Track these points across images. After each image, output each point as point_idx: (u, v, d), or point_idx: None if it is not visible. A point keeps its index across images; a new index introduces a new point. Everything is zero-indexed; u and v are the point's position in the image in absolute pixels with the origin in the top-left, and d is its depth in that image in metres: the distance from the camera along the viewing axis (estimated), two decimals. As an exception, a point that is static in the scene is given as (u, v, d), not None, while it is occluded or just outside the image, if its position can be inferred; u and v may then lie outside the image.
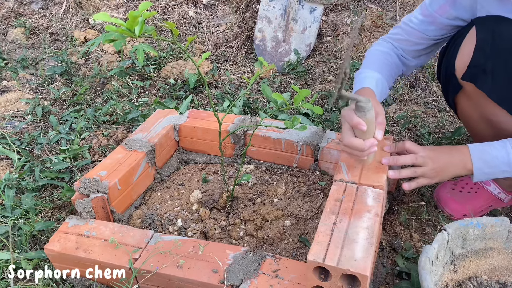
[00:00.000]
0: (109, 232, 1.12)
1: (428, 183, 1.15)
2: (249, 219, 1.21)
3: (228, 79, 2.23)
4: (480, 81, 1.08)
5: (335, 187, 1.08)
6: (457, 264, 1.04)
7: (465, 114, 1.25)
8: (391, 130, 1.76)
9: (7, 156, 1.65)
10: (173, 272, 1.01)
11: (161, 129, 1.46)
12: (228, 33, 2.56)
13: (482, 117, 1.18)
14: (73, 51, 2.55)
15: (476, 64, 1.07)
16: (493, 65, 1.05)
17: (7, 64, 2.43)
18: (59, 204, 1.41)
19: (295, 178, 1.38)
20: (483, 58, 1.06)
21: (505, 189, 1.32)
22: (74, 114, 1.93)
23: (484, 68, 1.06)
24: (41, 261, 1.20)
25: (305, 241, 1.16)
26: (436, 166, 1.11)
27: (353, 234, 0.93)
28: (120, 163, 1.29)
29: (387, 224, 1.30)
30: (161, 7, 2.75)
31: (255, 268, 0.99)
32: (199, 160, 1.53)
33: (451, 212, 1.33)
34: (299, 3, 2.42)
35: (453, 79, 1.17)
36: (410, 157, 1.14)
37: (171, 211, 1.28)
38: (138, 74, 2.28)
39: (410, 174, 1.14)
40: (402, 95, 2.02)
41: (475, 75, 1.09)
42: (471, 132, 1.32)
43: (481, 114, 1.18)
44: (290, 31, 2.42)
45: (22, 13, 2.94)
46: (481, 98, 1.12)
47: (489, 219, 1.03)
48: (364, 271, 0.84)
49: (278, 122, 1.43)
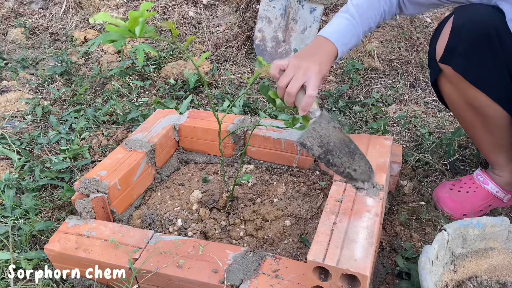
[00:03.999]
0: (109, 232, 1.12)
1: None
2: (249, 219, 1.22)
3: (228, 79, 2.23)
4: (455, 62, 1.12)
5: (335, 187, 1.08)
6: (457, 264, 1.04)
7: (451, 102, 1.26)
8: (391, 130, 1.76)
9: (7, 156, 1.65)
10: (173, 272, 1.01)
11: (161, 129, 1.46)
12: (228, 33, 2.56)
13: (467, 104, 1.20)
14: (73, 51, 2.55)
15: (451, 47, 1.11)
16: (466, 47, 1.09)
17: (7, 64, 2.43)
18: (59, 204, 1.41)
19: (295, 178, 1.38)
20: (457, 41, 1.10)
21: (503, 188, 1.32)
22: (74, 114, 1.93)
23: (459, 50, 1.10)
24: (41, 261, 1.20)
25: (305, 241, 1.16)
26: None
27: (353, 234, 0.93)
28: (120, 163, 1.29)
29: (387, 224, 1.30)
30: (161, 7, 2.75)
31: (255, 268, 0.99)
32: (199, 160, 1.53)
33: (449, 211, 1.33)
34: (299, 3, 2.42)
35: (434, 64, 1.20)
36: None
37: (171, 211, 1.28)
38: (138, 74, 2.28)
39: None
40: (402, 95, 2.02)
41: (450, 57, 1.13)
42: (462, 123, 1.32)
43: (465, 101, 1.20)
44: (290, 31, 2.42)
45: (22, 13, 2.94)
46: (461, 82, 1.15)
47: (489, 219, 1.03)
48: (364, 271, 0.84)
49: (278, 122, 1.43)
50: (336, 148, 1.07)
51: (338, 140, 1.07)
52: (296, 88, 1.05)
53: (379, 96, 2.01)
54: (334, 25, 1.19)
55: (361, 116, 1.84)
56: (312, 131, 1.06)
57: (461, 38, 1.09)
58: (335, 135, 1.07)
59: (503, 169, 1.31)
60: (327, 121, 1.07)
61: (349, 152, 1.07)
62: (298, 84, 1.05)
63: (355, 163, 1.07)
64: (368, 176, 1.07)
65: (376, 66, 2.24)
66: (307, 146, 1.07)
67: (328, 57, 1.14)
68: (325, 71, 1.11)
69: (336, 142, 1.07)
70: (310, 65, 1.07)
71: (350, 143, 1.08)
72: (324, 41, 1.16)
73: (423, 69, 2.18)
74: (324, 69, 1.10)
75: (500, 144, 1.26)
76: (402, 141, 1.69)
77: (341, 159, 1.07)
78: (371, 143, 1.22)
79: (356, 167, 1.07)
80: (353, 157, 1.07)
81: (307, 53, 1.13)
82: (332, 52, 1.15)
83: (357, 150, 1.08)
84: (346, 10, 1.21)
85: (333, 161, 1.08)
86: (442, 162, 1.52)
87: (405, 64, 2.25)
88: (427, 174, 1.50)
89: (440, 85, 1.25)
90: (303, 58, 1.09)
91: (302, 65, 1.07)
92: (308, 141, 1.07)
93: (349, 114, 1.86)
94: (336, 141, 1.07)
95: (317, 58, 1.10)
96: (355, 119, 1.83)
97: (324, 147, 1.07)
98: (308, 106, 1.05)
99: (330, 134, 1.07)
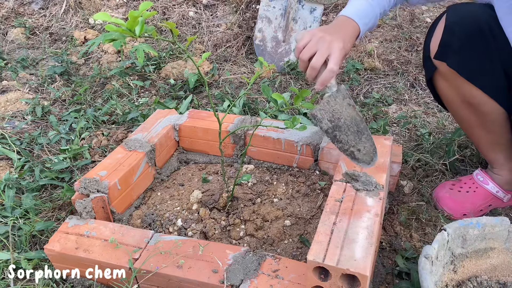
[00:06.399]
0: (109, 232, 1.12)
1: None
2: (249, 219, 1.22)
3: (228, 79, 2.23)
4: (450, 59, 1.13)
5: (335, 187, 1.08)
6: (457, 264, 1.04)
7: (447, 100, 1.26)
8: (391, 130, 1.76)
9: (7, 156, 1.65)
10: (173, 272, 1.01)
11: (161, 129, 1.46)
12: (228, 33, 2.56)
13: (463, 101, 1.20)
14: (73, 51, 2.55)
15: (446, 43, 1.12)
16: (460, 43, 1.10)
17: (7, 64, 2.43)
18: (59, 204, 1.41)
19: (295, 178, 1.39)
20: (451, 37, 1.11)
21: (503, 188, 1.32)
22: (74, 114, 1.93)
23: (453, 46, 1.11)
24: (41, 261, 1.20)
25: (305, 241, 1.16)
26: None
27: (353, 234, 0.93)
28: (120, 163, 1.29)
29: (387, 224, 1.30)
30: (161, 7, 2.75)
31: (255, 268, 0.99)
32: (199, 160, 1.53)
33: (449, 211, 1.33)
34: (299, 3, 2.42)
35: (429, 62, 1.20)
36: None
37: (171, 211, 1.28)
38: (138, 74, 2.28)
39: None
40: (402, 95, 2.02)
41: (445, 53, 1.14)
42: (459, 122, 1.32)
43: (461, 98, 1.20)
44: (290, 31, 2.42)
45: (22, 13, 2.93)
46: (457, 79, 1.15)
47: (489, 219, 1.03)
48: (364, 271, 0.84)
49: (278, 122, 1.43)
50: (345, 125, 1.07)
51: (350, 117, 1.07)
52: (321, 62, 1.05)
53: (379, 96, 2.01)
54: (354, 5, 1.19)
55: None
56: (326, 104, 1.06)
57: (455, 34, 1.10)
58: (347, 112, 1.07)
59: (502, 167, 1.31)
60: (343, 96, 1.07)
61: (357, 131, 1.07)
62: (323, 58, 1.05)
63: (360, 143, 1.07)
64: (371, 158, 1.07)
65: (376, 66, 2.24)
66: (317, 118, 1.06)
67: (352, 35, 1.14)
68: (348, 49, 1.11)
69: (347, 119, 1.07)
70: (334, 39, 1.07)
71: (361, 122, 1.07)
72: (347, 20, 1.16)
73: (423, 69, 2.18)
74: (347, 47, 1.10)
75: (498, 142, 1.26)
76: (402, 141, 1.69)
77: (347, 137, 1.07)
78: (371, 143, 1.22)
79: (361, 147, 1.07)
80: (360, 137, 1.07)
81: (332, 28, 1.13)
82: (355, 30, 1.15)
83: (365, 131, 1.07)
84: None
85: (339, 137, 1.07)
86: (442, 162, 1.52)
87: (405, 64, 2.25)
88: (427, 174, 1.50)
89: (435, 83, 1.25)
90: (328, 33, 1.09)
91: (326, 38, 1.06)
92: (320, 114, 1.06)
93: (349, 114, 1.86)
94: (348, 117, 1.07)
95: (341, 35, 1.10)
96: (355, 119, 1.83)
97: (334, 122, 1.07)
98: (327, 80, 1.05)
99: (343, 111, 1.06)
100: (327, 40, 1.06)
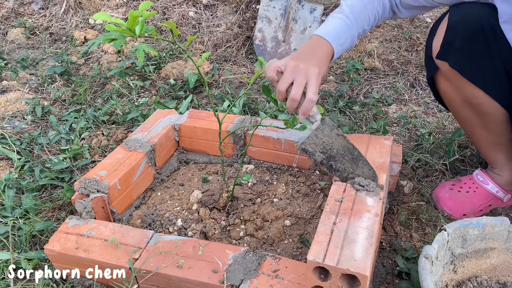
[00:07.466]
0: (109, 232, 1.12)
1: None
2: (249, 219, 1.21)
3: (228, 79, 2.23)
4: (452, 59, 1.13)
5: (335, 187, 1.08)
6: (457, 264, 1.04)
7: (448, 99, 1.26)
8: (391, 130, 1.76)
9: (7, 156, 1.65)
10: (173, 272, 1.01)
11: (161, 129, 1.46)
12: (228, 33, 2.56)
13: (464, 101, 1.20)
14: (73, 51, 2.55)
15: (448, 42, 1.12)
16: (462, 43, 1.10)
17: (7, 64, 2.43)
18: (59, 204, 1.41)
19: (295, 178, 1.38)
20: (453, 37, 1.11)
21: (503, 188, 1.32)
22: (74, 114, 1.93)
23: (455, 46, 1.11)
24: (41, 261, 1.20)
25: (305, 241, 1.16)
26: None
27: (353, 234, 0.93)
28: (120, 163, 1.29)
29: (387, 224, 1.30)
30: (161, 7, 2.75)
31: (255, 268, 0.99)
32: (199, 160, 1.53)
33: (449, 211, 1.33)
34: (299, 3, 2.42)
35: (431, 62, 1.20)
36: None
37: (171, 211, 1.28)
38: (138, 74, 2.28)
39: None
40: (402, 95, 2.02)
41: (447, 53, 1.13)
42: (460, 122, 1.32)
43: (462, 98, 1.20)
44: (290, 31, 2.42)
45: (22, 13, 2.93)
46: (458, 79, 1.15)
47: (489, 219, 1.03)
48: (364, 271, 0.84)
49: (278, 122, 1.43)
50: (339, 155, 1.07)
51: (342, 146, 1.07)
52: (300, 94, 1.03)
53: (379, 96, 2.01)
54: (329, 24, 1.17)
55: (361, 116, 1.84)
56: (315, 138, 1.06)
57: (458, 34, 1.10)
58: (338, 142, 1.07)
59: (502, 168, 1.31)
60: (330, 128, 1.07)
61: (352, 158, 1.08)
62: (301, 89, 1.03)
63: (358, 169, 1.08)
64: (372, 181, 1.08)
65: (376, 66, 2.24)
66: (309, 152, 1.07)
67: (326, 57, 1.12)
68: (324, 72, 1.10)
69: (340, 149, 1.07)
70: (308, 66, 1.05)
71: (354, 150, 1.08)
72: (321, 40, 1.14)
73: (423, 69, 2.18)
74: (323, 71, 1.09)
75: (499, 142, 1.26)
76: (402, 141, 1.69)
77: (344, 165, 1.08)
78: (371, 143, 1.22)
79: (360, 173, 1.08)
80: (357, 163, 1.07)
81: (304, 54, 1.11)
82: (329, 52, 1.13)
83: (360, 157, 1.08)
84: (340, 11, 1.20)
85: (336, 166, 1.08)
86: (442, 162, 1.52)
87: (405, 64, 2.25)
88: (427, 174, 1.50)
89: (437, 83, 1.25)
90: (301, 60, 1.07)
91: (300, 66, 1.04)
92: (310, 147, 1.07)
93: (349, 114, 1.87)
94: (340, 147, 1.07)
95: (315, 60, 1.08)
96: (355, 119, 1.84)
97: (327, 153, 1.08)
98: (308, 110, 1.04)
99: (333, 141, 1.07)
100: (302, 68, 1.04)
